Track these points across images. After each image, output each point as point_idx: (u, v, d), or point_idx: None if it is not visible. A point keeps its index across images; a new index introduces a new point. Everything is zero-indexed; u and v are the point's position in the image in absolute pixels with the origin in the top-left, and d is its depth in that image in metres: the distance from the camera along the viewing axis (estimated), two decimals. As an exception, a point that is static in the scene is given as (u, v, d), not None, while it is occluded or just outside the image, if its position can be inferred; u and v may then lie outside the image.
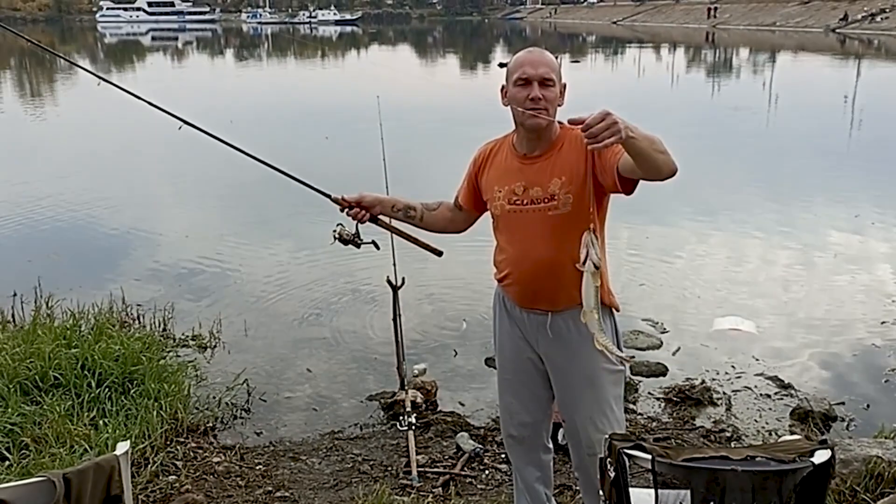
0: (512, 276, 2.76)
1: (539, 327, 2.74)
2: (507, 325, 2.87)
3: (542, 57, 2.59)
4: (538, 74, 2.53)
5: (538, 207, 2.60)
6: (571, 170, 2.56)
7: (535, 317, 2.74)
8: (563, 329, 2.70)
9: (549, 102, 2.54)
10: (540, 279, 2.65)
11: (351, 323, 6.00)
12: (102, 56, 49.93)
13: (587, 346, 2.64)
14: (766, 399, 4.73)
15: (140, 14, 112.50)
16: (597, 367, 2.69)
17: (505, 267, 2.79)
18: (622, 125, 2.11)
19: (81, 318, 5.20)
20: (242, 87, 27.99)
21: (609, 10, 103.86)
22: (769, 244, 8.00)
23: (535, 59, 2.57)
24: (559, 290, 2.65)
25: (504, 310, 2.87)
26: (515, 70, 2.58)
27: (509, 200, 2.66)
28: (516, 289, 2.76)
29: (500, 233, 2.78)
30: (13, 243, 8.21)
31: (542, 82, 2.53)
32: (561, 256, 2.58)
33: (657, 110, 18.69)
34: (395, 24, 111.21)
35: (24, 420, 3.89)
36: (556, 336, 2.71)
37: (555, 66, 2.58)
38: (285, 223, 8.80)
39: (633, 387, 4.81)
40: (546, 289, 2.66)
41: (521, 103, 2.55)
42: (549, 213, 2.59)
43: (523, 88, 2.55)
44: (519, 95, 2.56)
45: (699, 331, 5.79)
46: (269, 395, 4.80)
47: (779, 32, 57.27)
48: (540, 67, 2.54)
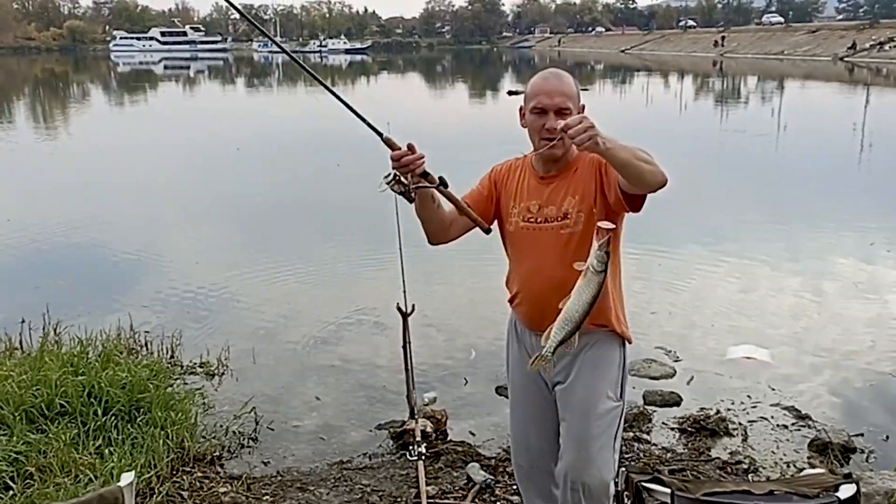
0: (521, 295, 2.75)
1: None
2: (517, 351, 2.84)
3: (558, 85, 2.58)
4: (554, 104, 2.54)
5: (551, 226, 2.62)
6: (584, 189, 2.57)
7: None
8: (571, 354, 2.63)
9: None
10: (548, 298, 2.55)
11: (360, 350, 5.95)
12: (115, 85, 50.45)
13: (594, 373, 2.63)
14: (782, 430, 4.63)
15: (153, 43, 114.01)
16: (595, 398, 2.64)
17: (515, 286, 2.78)
18: (597, 132, 2.19)
19: (89, 344, 5.16)
20: (252, 114, 28.19)
21: (617, 38, 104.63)
22: (780, 271, 7.92)
23: (551, 89, 2.57)
24: None
25: (515, 334, 2.86)
26: (532, 97, 2.59)
27: (524, 218, 2.67)
28: (525, 308, 2.75)
29: (513, 250, 2.77)
30: (22, 269, 8.21)
31: (558, 112, 2.53)
32: (571, 275, 2.51)
33: (665, 136, 18.72)
34: (405, 53, 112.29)
35: (30, 449, 3.84)
36: (565, 360, 2.66)
37: (572, 92, 2.58)
38: (295, 249, 8.79)
39: (646, 417, 4.73)
40: (554, 310, 2.56)
41: (537, 132, 2.58)
42: (561, 232, 2.60)
43: (539, 117, 2.56)
44: (535, 124, 2.58)
45: (712, 359, 5.70)
46: (277, 424, 4.73)
47: (787, 61, 57.46)
48: (556, 97, 2.55)
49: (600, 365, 2.67)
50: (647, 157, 2.33)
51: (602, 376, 2.67)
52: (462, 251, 8.55)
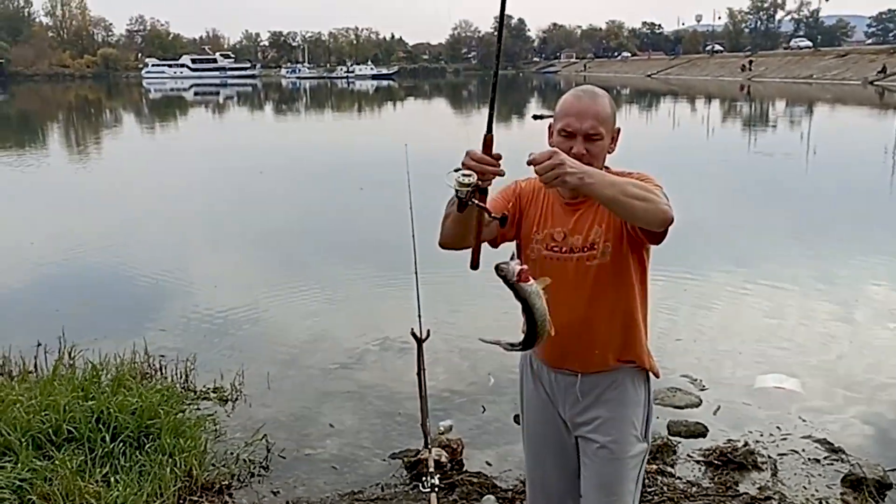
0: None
1: (567, 389, 2.55)
2: (534, 388, 2.68)
3: (590, 106, 2.38)
4: (583, 129, 2.35)
5: (577, 256, 2.43)
6: (610, 217, 2.39)
7: (563, 377, 2.56)
8: (594, 392, 2.51)
9: (594, 157, 2.35)
10: (572, 335, 2.42)
11: (377, 376, 5.83)
12: (146, 111, 51.27)
13: (619, 413, 2.47)
14: (814, 464, 4.43)
15: (184, 70, 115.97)
16: (622, 441, 2.49)
17: None
18: (569, 169, 2.03)
19: (102, 368, 5.10)
20: (277, 139, 28.40)
21: (643, 63, 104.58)
22: (811, 297, 7.69)
23: (581, 110, 2.36)
24: (592, 348, 2.47)
25: (531, 371, 2.69)
26: (561, 118, 2.40)
27: (547, 246, 2.48)
28: (544, 346, 2.49)
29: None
30: (43, 292, 8.21)
31: (588, 137, 2.35)
32: (596, 311, 2.43)
33: (692, 160, 18.53)
34: (431, 79, 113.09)
35: (34, 476, 3.76)
36: (586, 400, 2.52)
37: (604, 114, 2.38)
38: (313, 273, 8.73)
39: (671, 448, 4.55)
40: (578, 346, 2.46)
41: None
42: (587, 263, 2.42)
43: (566, 140, 2.36)
44: (561, 147, 2.33)
45: (740, 388, 5.50)
46: (289, 452, 4.62)
47: (815, 85, 56.89)
48: (585, 121, 2.35)
49: (627, 404, 2.51)
50: (643, 194, 2.14)
51: (629, 418, 2.51)
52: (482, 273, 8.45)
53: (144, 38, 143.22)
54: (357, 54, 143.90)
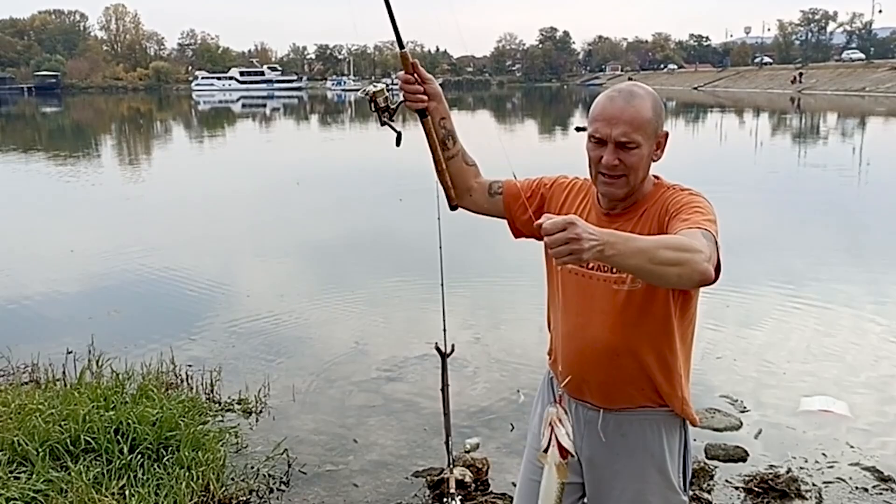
0: (560, 355, 2.28)
1: (588, 425, 2.23)
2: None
3: (624, 109, 2.02)
4: (614, 137, 2.02)
5: (605, 277, 2.12)
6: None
7: (584, 411, 2.24)
8: (617, 433, 2.20)
9: (630, 168, 2.04)
10: (591, 364, 2.16)
11: (403, 390, 5.69)
12: (195, 122, 52.18)
13: (643, 462, 2.17)
14: (862, 493, 4.15)
15: (232, 83, 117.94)
16: (648, 490, 2.18)
17: (554, 341, 2.34)
18: (586, 245, 1.65)
19: (127, 378, 5.06)
20: (321, 150, 28.58)
21: (690, 75, 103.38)
22: (861, 317, 7.33)
23: (613, 115, 2.03)
24: (615, 384, 2.17)
25: (548, 394, 2.42)
26: (591, 123, 2.09)
27: None
28: (563, 373, 2.24)
29: (555, 295, 2.29)
30: (79, 300, 8.26)
31: (619, 145, 2.02)
32: (621, 342, 2.12)
33: (741, 173, 18.08)
34: (475, 91, 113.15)
35: (49, 487, 3.70)
36: (609, 441, 2.20)
37: (641, 119, 2.03)
38: (343, 286, 8.63)
39: (708, 473, 4.32)
40: (598, 379, 2.17)
41: (594, 164, 2.10)
42: (614, 287, 2.10)
43: (596, 147, 2.07)
44: (592, 154, 2.09)
45: (784, 411, 5.23)
46: (310, 467, 4.50)
47: (868, 98, 55.49)
48: (617, 127, 2.01)
49: (656, 452, 2.20)
50: (676, 257, 1.78)
51: (660, 467, 2.19)
52: (513, 286, 8.35)
53: (195, 52, 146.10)
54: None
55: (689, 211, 2.01)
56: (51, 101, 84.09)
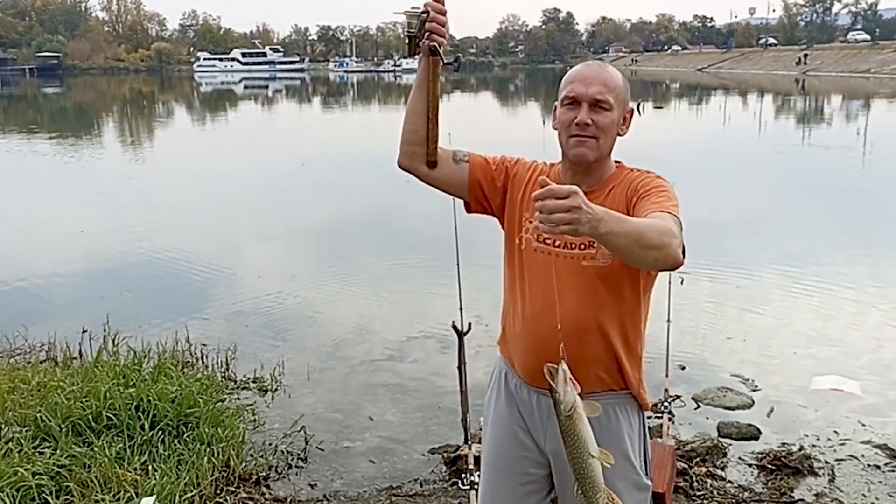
0: (521, 339, 2.17)
1: (551, 414, 2.05)
2: (506, 412, 2.26)
3: (599, 73, 2.08)
4: (589, 94, 2.04)
5: (572, 254, 2.08)
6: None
7: (546, 400, 2.07)
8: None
9: (602, 130, 2.06)
10: (557, 346, 2.01)
11: (418, 369, 5.74)
12: (198, 104, 52.05)
13: (610, 448, 2.03)
14: (874, 470, 4.20)
15: (234, 64, 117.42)
16: (617, 476, 2.08)
17: (514, 325, 2.21)
18: (587, 216, 1.64)
19: (144, 356, 5.11)
20: (325, 131, 28.54)
21: (694, 57, 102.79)
22: (868, 297, 7.36)
23: (588, 75, 2.07)
24: (583, 364, 2.06)
25: (503, 388, 2.28)
26: (564, 87, 2.11)
27: (538, 237, 2.14)
28: (525, 357, 2.16)
29: (519, 276, 2.20)
30: (91, 280, 8.32)
31: (594, 104, 2.05)
32: (591, 319, 2.08)
33: (743, 155, 18.05)
34: (478, 72, 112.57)
35: (73, 462, 3.75)
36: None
37: (615, 85, 2.08)
38: (356, 265, 8.68)
39: (721, 450, 4.37)
40: (568, 359, 2.00)
41: (565, 128, 2.09)
42: (583, 264, 2.07)
43: (570, 110, 2.08)
44: (564, 118, 2.09)
45: (795, 390, 5.27)
46: (327, 444, 4.55)
47: (873, 79, 55.20)
48: (592, 86, 2.05)
49: (623, 437, 2.16)
50: (658, 241, 1.80)
51: (626, 453, 2.15)
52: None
53: (196, 33, 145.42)
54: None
55: (659, 194, 2.03)
56: (52, 82, 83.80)
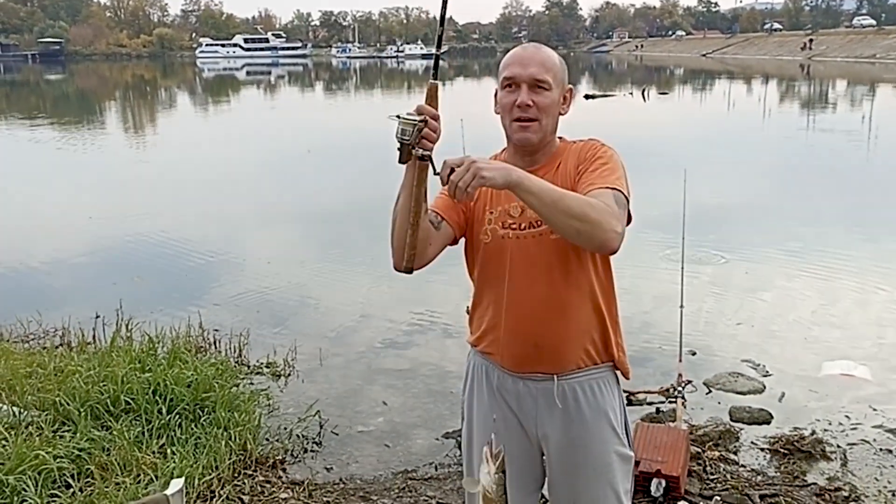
0: (502, 328, 2.16)
1: (540, 398, 2.15)
2: (490, 405, 2.23)
3: (535, 54, 2.09)
4: (527, 75, 2.06)
5: (539, 231, 2.08)
6: (572, 183, 2.06)
7: (534, 385, 2.14)
8: (572, 399, 2.14)
9: (542, 111, 2.06)
10: (543, 324, 2.09)
11: (430, 354, 5.78)
12: (200, 90, 51.97)
13: (601, 424, 2.15)
14: (886, 454, 4.23)
15: (236, 50, 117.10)
16: (609, 451, 2.16)
17: (491, 317, 2.19)
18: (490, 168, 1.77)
19: (158, 341, 5.12)
20: (328, 118, 28.52)
21: (698, 42, 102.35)
22: (876, 281, 7.36)
23: (525, 57, 2.08)
24: (568, 341, 2.11)
25: (486, 386, 2.24)
26: (503, 70, 2.12)
27: (503, 224, 2.12)
28: (509, 345, 2.15)
29: (488, 270, 2.18)
30: (101, 266, 8.37)
31: (534, 85, 2.06)
32: (569, 293, 2.09)
33: (748, 141, 18.02)
34: (481, 58, 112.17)
35: (93, 445, 3.78)
36: (565, 409, 2.14)
37: (552, 64, 2.09)
38: (367, 251, 8.68)
39: (733, 435, 4.39)
40: (551, 339, 2.10)
41: (507, 111, 2.10)
42: (551, 237, 2.06)
43: (510, 92, 2.08)
44: (505, 101, 2.10)
45: (806, 375, 5.29)
46: (342, 428, 4.59)
47: (879, 65, 54.93)
48: (530, 66, 2.06)
49: (607, 411, 2.18)
50: (577, 210, 1.84)
51: (611, 426, 2.18)
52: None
53: (198, 18, 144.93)
54: (407, 34, 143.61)
55: (601, 166, 2.05)
56: (55, 68, 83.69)
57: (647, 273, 7.30)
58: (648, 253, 7.81)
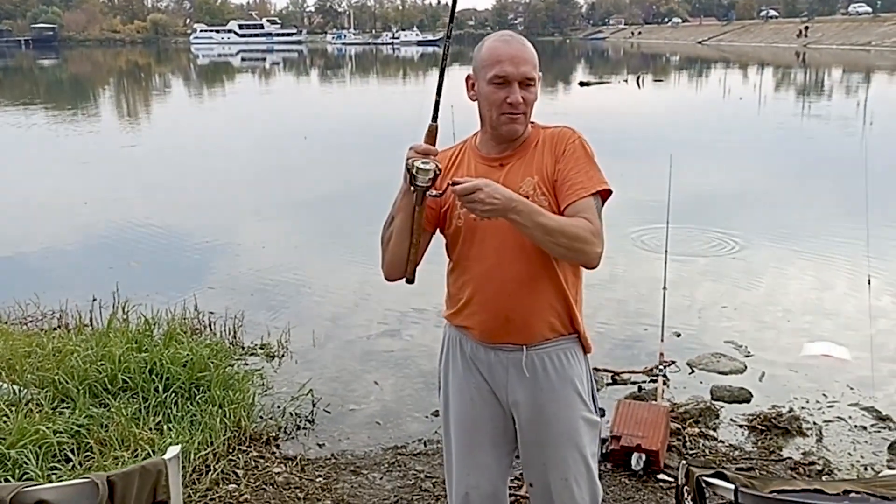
0: (476, 302, 2.29)
1: (510, 367, 2.28)
2: (464, 374, 2.36)
3: (523, 52, 2.18)
4: (520, 74, 2.15)
5: None
6: (545, 171, 2.19)
7: (505, 355, 2.28)
8: (540, 368, 2.27)
9: (529, 106, 2.20)
10: (513, 298, 2.22)
11: (421, 337, 5.89)
12: (195, 76, 51.83)
13: (567, 391, 2.28)
14: (860, 431, 4.37)
15: (231, 36, 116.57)
16: (576, 416, 2.30)
17: (466, 293, 2.31)
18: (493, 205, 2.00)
19: (154, 323, 5.23)
20: (324, 105, 28.53)
21: (694, 29, 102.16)
22: (861, 269, 7.47)
23: (516, 55, 2.16)
24: (536, 314, 2.24)
25: (460, 355, 2.37)
26: (492, 65, 2.17)
27: None
28: (482, 317, 2.28)
29: (463, 250, 2.31)
30: (97, 250, 8.46)
31: (524, 83, 2.16)
32: (537, 270, 2.21)
33: (743, 129, 18.13)
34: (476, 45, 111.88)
35: (91, 422, 3.90)
36: (533, 377, 2.27)
37: (536, 61, 2.21)
38: (360, 236, 8.77)
39: (713, 412, 4.53)
40: (520, 312, 2.23)
41: (496, 106, 2.18)
42: None
43: (500, 89, 2.16)
44: (494, 97, 2.17)
45: (786, 356, 5.44)
46: (334, 407, 4.71)
47: (874, 52, 54.99)
48: (522, 66, 2.15)
49: (574, 379, 2.29)
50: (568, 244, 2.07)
51: (579, 393, 2.30)
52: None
53: (193, 4, 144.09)
54: (402, 20, 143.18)
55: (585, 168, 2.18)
56: (48, 53, 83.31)
57: (634, 258, 7.43)
58: (635, 237, 7.94)
